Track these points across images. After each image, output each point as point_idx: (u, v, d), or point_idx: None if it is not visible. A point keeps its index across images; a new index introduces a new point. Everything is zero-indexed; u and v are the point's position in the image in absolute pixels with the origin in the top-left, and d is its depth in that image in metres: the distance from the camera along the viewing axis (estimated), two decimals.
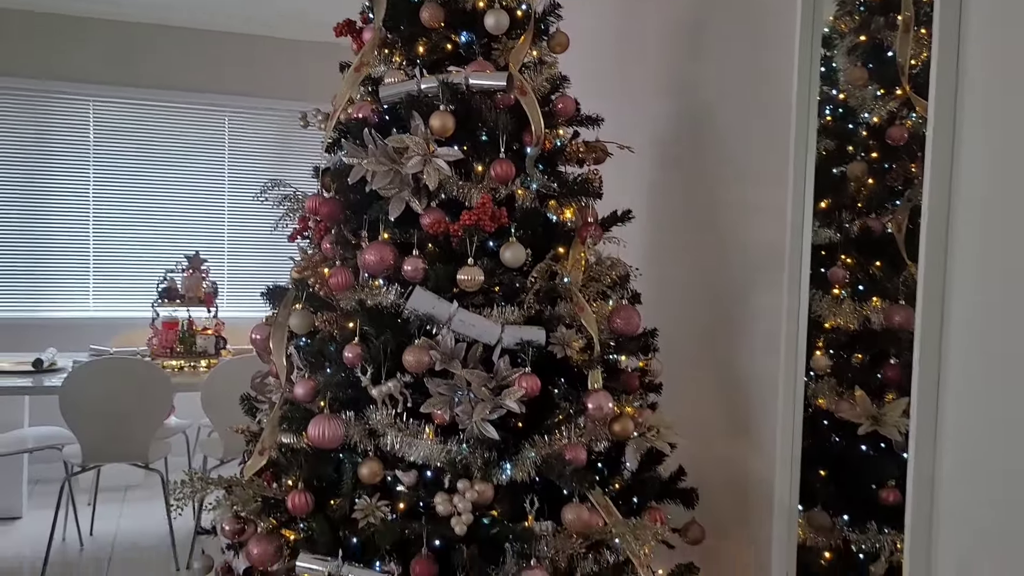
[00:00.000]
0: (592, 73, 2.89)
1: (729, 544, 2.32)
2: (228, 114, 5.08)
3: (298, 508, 1.78)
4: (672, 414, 2.14)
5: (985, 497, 1.56)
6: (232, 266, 5.15)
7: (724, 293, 2.40)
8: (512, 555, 1.74)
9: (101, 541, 3.89)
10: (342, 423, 1.79)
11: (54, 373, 3.71)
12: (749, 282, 2.29)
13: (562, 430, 1.83)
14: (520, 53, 1.92)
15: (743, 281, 2.31)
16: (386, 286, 1.85)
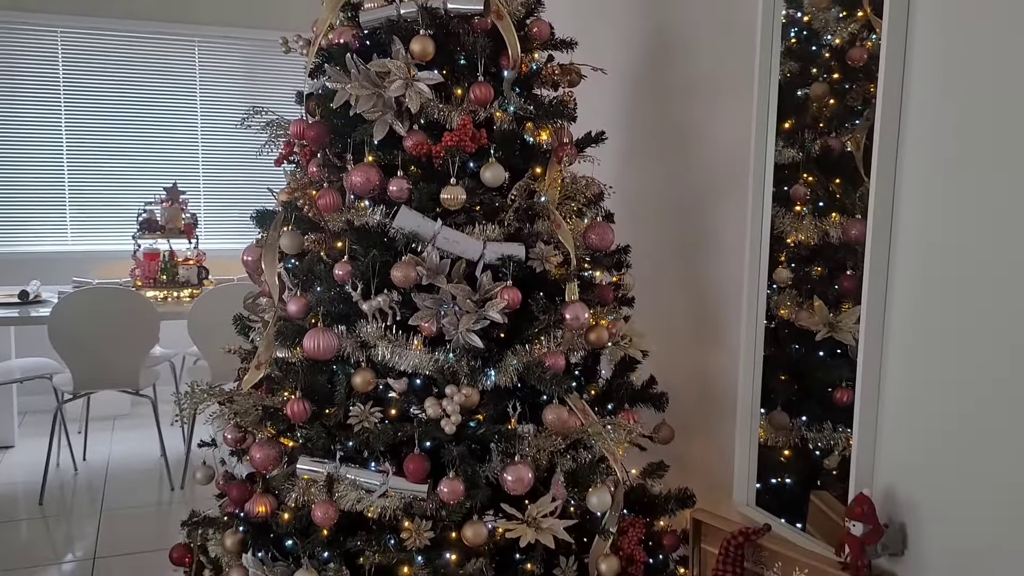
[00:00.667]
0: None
1: (696, 445, 2.49)
2: (198, 43, 5.03)
3: (296, 415, 1.90)
4: (644, 325, 2.28)
5: (924, 396, 1.72)
6: (209, 198, 5.17)
7: (693, 210, 2.52)
8: (497, 454, 1.89)
9: (95, 466, 4.01)
10: (335, 336, 1.90)
11: (40, 304, 3.77)
12: (716, 199, 2.40)
13: (541, 339, 1.95)
14: None
15: (710, 198, 2.43)
16: (372, 207, 1.94)
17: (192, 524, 2.19)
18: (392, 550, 1.86)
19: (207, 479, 2.25)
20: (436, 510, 1.85)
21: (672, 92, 2.59)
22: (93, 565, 2.98)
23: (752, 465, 2.24)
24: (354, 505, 1.85)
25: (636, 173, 2.80)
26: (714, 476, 2.39)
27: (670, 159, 2.63)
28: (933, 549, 1.71)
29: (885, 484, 1.81)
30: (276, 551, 1.97)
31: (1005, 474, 1.55)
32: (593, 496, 1.94)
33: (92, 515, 3.42)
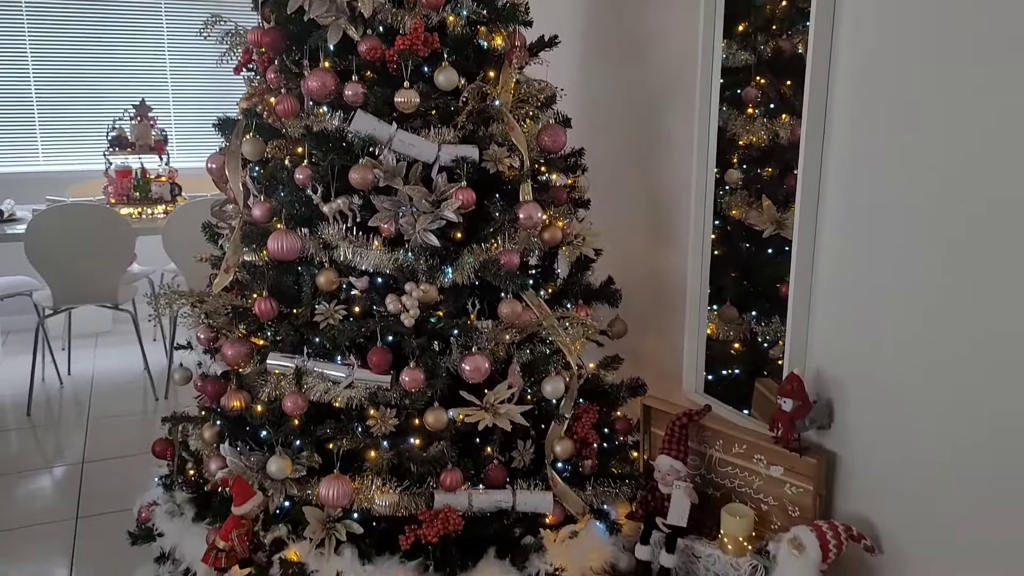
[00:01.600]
0: None
1: (649, 339, 2.63)
2: None
3: (264, 314, 2.00)
4: (601, 227, 2.37)
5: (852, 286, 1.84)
6: (179, 115, 5.14)
7: (646, 114, 2.59)
8: (456, 347, 2.00)
9: (79, 380, 4.13)
10: (298, 238, 1.98)
11: (15, 222, 3.81)
12: (668, 103, 2.47)
13: (497, 239, 2.04)
14: None
15: (663, 102, 2.50)
16: (329, 112, 2.00)
17: (172, 420, 2.31)
18: (359, 437, 1.98)
19: (185, 380, 2.36)
20: (400, 399, 1.97)
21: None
22: (82, 469, 3.12)
23: (700, 355, 2.37)
24: (322, 396, 1.97)
25: (593, 79, 2.85)
26: (666, 368, 2.53)
27: (626, 65, 2.68)
28: (856, 423, 1.85)
29: (815, 365, 1.95)
30: (251, 442, 2.09)
31: (919, 355, 1.68)
32: (547, 384, 2.07)
33: (79, 424, 3.55)
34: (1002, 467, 1.52)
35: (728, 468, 2.11)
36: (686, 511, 2.00)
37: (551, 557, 2.01)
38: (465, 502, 1.98)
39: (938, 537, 1.67)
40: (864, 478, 1.84)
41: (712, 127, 2.21)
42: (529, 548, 2.02)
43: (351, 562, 1.92)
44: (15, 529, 2.68)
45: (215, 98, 5.17)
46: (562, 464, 2.14)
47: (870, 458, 1.82)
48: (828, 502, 1.94)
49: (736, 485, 2.10)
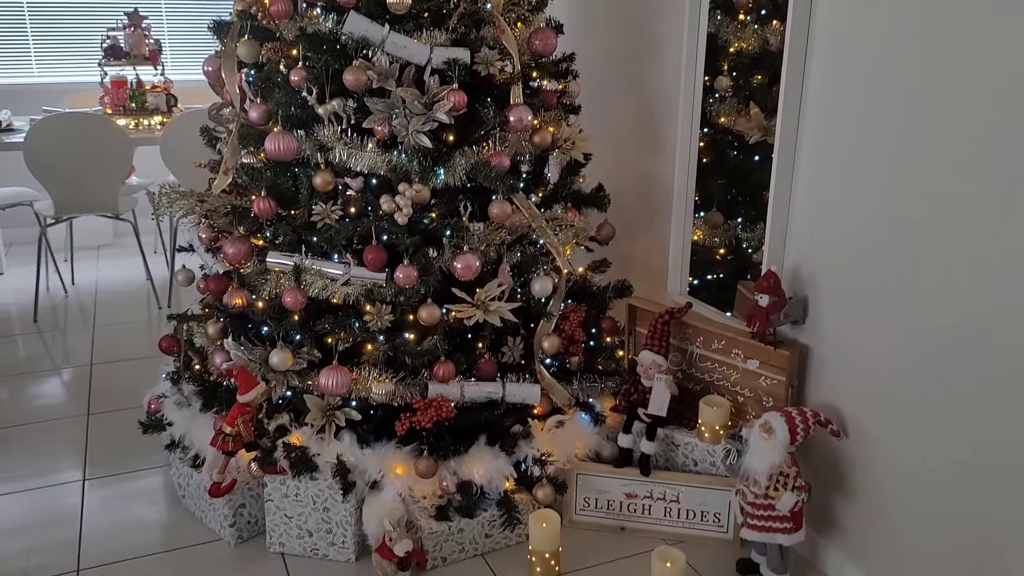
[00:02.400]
0: None
1: (638, 245, 2.71)
2: None
3: (263, 212, 2.07)
4: (592, 133, 2.42)
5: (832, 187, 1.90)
6: (173, 26, 5.09)
7: (637, 20, 2.60)
8: (449, 247, 2.08)
9: (83, 289, 4.22)
10: (294, 139, 2.03)
11: (13, 132, 3.83)
12: (660, 8, 2.48)
13: (488, 142, 2.10)
14: None
15: (655, 7, 2.51)
16: (323, 14, 2.02)
17: (178, 318, 2.41)
18: (356, 331, 2.08)
19: (188, 281, 2.45)
20: (394, 296, 2.06)
21: None
22: (91, 371, 3.24)
23: (685, 258, 2.45)
24: (320, 293, 2.05)
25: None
26: (652, 272, 2.61)
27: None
28: (829, 318, 1.95)
29: (792, 264, 2.03)
30: (254, 338, 2.19)
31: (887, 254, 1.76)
32: (536, 283, 2.16)
33: (85, 330, 3.66)
34: (963, 353, 1.62)
35: (707, 363, 2.22)
36: (666, 402, 2.11)
37: (538, 444, 2.14)
38: (457, 392, 2.09)
39: (901, 421, 1.78)
40: (834, 369, 1.95)
41: (701, 33, 2.24)
42: (518, 436, 2.15)
43: (350, 446, 2.05)
44: (29, 424, 2.81)
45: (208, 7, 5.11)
46: (550, 360, 2.25)
47: (840, 351, 1.92)
48: (800, 392, 2.05)
49: (715, 379, 2.22)
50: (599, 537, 2.18)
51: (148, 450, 2.57)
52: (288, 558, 2.10)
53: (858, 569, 1.94)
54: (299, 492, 2.05)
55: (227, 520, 2.13)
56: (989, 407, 1.57)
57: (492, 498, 2.11)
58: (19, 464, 2.56)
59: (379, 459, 2.05)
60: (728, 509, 2.10)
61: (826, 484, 2.00)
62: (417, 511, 2.06)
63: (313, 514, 2.06)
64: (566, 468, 2.17)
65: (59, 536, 2.20)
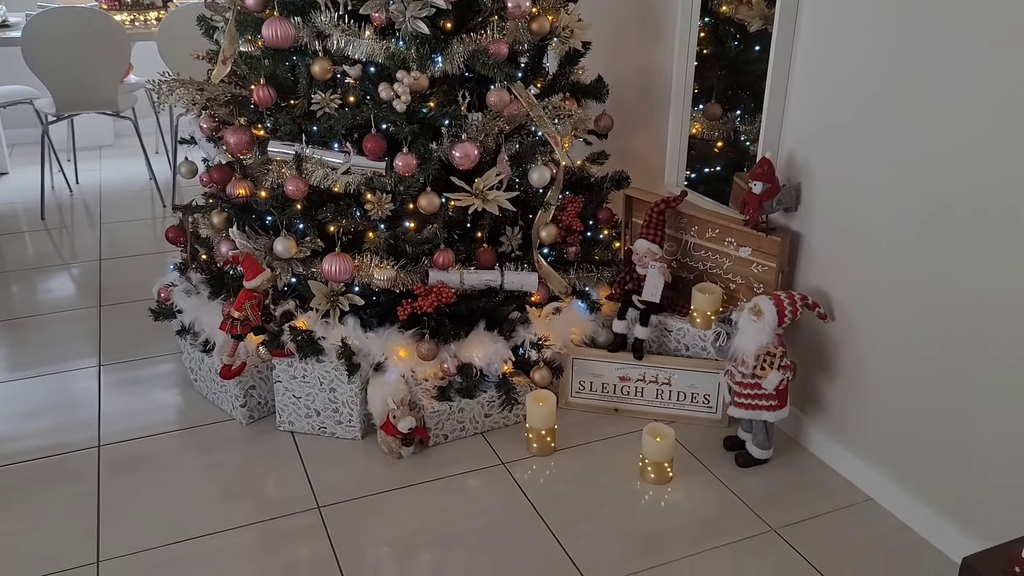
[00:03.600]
0: None
1: (637, 138, 2.72)
2: None
3: (263, 100, 2.08)
4: (589, 19, 2.39)
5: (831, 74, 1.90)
6: None
7: None
8: (448, 136, 2.10)
9: (88, 187, 4.25)
10: (292, 25, 2.03)
11: (8, 28, 3.79)
12: None
13: (486, 29, 2.09)
14: None
15: None
16: None
17: (183, 209, 2.45)
18: (358, 220, 2.13)
19: (191, 173, 2.48)
20: (394, 185, 2.09)
21: None
22: (100, 265, 3.31)
23: (683, 149, 2.47)
24: (321, 181, 2.09)
25: None
26: (650, 164, 2.63)
27: None
28: (820, 205, 1.99)
29: (787, 151, 2.05)
30: (258, 228, 2.24)
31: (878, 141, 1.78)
32: (534, 172, 2.18)
33: (92, 228, 3.71)
34: (952, 241, 1.67)
35: (701, 252, 2.27)
36: (660, 288, 2.17)
37: (536, 329, 2.21)
38: (457, 280, 2.15)
39: (885, 306, 1.84)
40: (823, 256, 2.00)
41: None
42: (516, 321, 2.22)
43: (354, 330, 2.12)
44: (43, 315, 2.90)
45: None
46: (547, 249, 2.30)
47: (831, 237, 1.97)
48: (790, 278, 2.11)
49: (708, 267, 2.27)
50: (593, 418, 2.28)
51: (159, 338, 2.66)
52: (298, 436, 2.21)
53: (839, 444, 2.04)
54: (306, 374, 2.14)
55: (238, 401, 2.23)
56: (971, 297, 1.63)
57: (491, 380, 2.20)
58: (37, 351, 2.66)
59: (382, 342, 2.13)
60: (717, 391, 2.19)
61: (811, 365, 2.09)
62: (419, 392, 2.15)
63: (320, 394, 2.16)
64: (562, 352, 2.25)
65: (79, 417, 2.31)
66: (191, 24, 3.68)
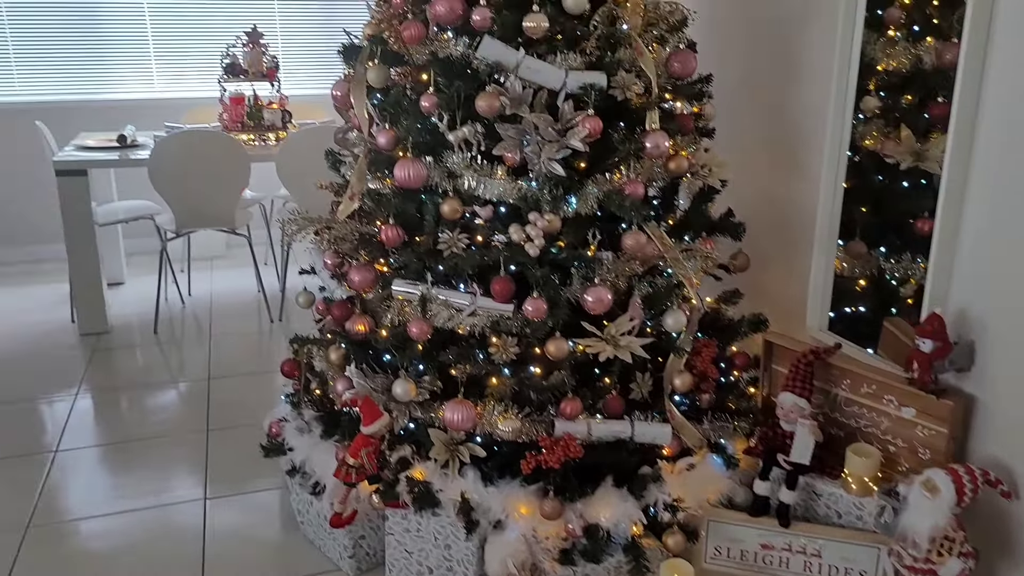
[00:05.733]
0: None
1: (772, 274, 2.56)
2: None
3: (391, 240, 2.03)
4: (724, 154, 2.29)
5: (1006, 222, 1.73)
6: (287, 42, 5.19)
7: (778, 36, 2.46)
8: (578, 277, 1.99)
9: (199, 300, 4.33)
10: (424, 166, 1.99)
11: (138, 148, 3.96)
12: (803, 24, 2.34)
13: (621, 168, 2.00)
14: None
15: (797, 23, 2.36)
16: (455, 38, 1.97)
17: (298, 342, 2.40)
18: (481, 363, 2.02)
19: (308, 303, 2.45)
20: (521, 328, 1.98)
21: None
22: (208, 385, 3.30)
23: (827, 291, 2.30)
24: (446, 323, 2.00)
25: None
26: (788, 304, 2.46)
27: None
28: (1000, 366, 1.77)
29: (958, 305, 1.86)
30: (376, 365, 2.16)
31: None
32: (669, 317, 2.04)
33: (201, 342, 3.74)
34: None
35: (854, 408, 2.06)
36: (810, 449, 1.97)
37: (668, 488, 2.03)
38: (584, 430, 2.00)
39: None
40: (1003, 423, 1.77)
41: (854, 51, 2.09)
42: (647, 478, 2.04)
43: (474, 483, 1.98)
44: (150, 439, 2.87)
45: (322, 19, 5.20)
46: (680, 397, 2.14)
47: (1011, 402, 1.74)
48: (962, 446, 1.88)
49: (862, 425, 2.06)
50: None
51: (267, 470, 2.58)
52: None
53: None
54: (420, 527, 2.00)
55: (347, 551, 2.10)
56: None
57: (619, 543, 2.01)
58: (141, 480, 2.61)
59: (503, 498, 1.98)
60: (876, 567, 1.94)
61: (991, 550, 1.82)
62: (541, 553, 1.98)
63: (434, 551, 2.01)
64: (697, 514, 2.05)
65: (183, 555, 2.22)
66: (308, 146, 3.79)
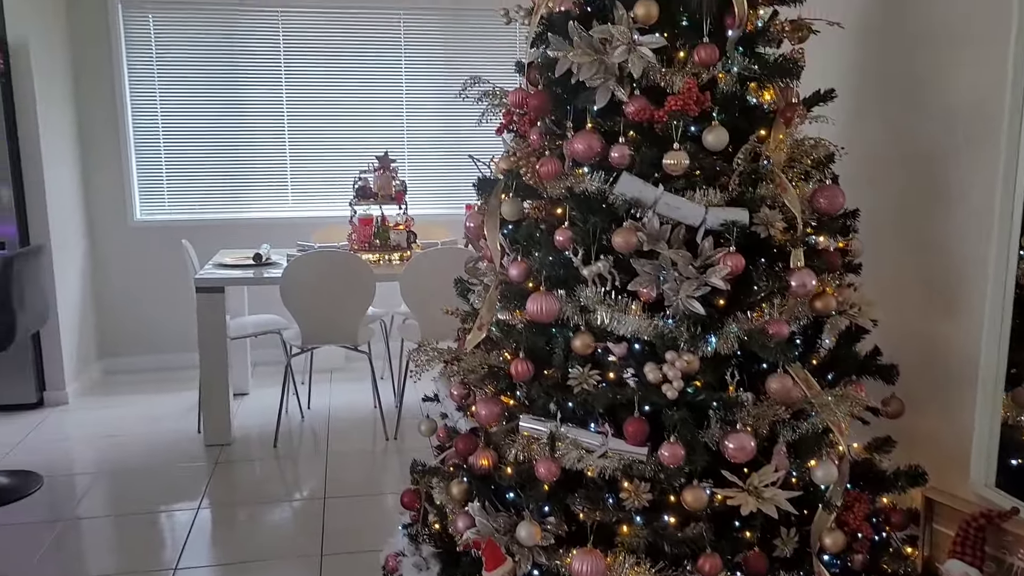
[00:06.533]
0: None
1: (926, 420, 2.35)
2: (403, 16, 5.25)
3: (520, 375, 1.98)
4: (871, 291, 2.16)
5: None
6: (412, 166, 5.43)
7: (929, 169, 2.35)
8: (716, 420, 1.87)
9: (317, 413, 4.40)
10: (556, 300, 1.95)
11: (271, 266, 4.14)
12: (958, 156, 2.22)
13: (764, 306, 1.91)
14: None
15: (952, 156, 2.25)
16: (591, 172, 1.97)
17: (419, 472, 2.35)
18: (611, 509, 1.90)
19: (430, 431, 2.41)
20: (655, 473, 1.87)
21: (909, 42, 2.41)
22: (324, 504, 3.28)
23: (993, 443, 2.08)
24: (575, 464, 1.91)
25: (863, 130, 2.64)
26: (946, 454, 2.24)
27: (904, 114, 2.45)
28: None
29: None
30: (498, 502, 2.07)
31: None
32: (818, 469, 1.88)
33: (319, 458, 3.76)
34: None
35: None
36: None
37: None
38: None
39: None
40: None
41: (1020, 184, 1.95)
42: None
43: None
44: (267, 560, 2.84)
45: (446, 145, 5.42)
46: (829, 557, 1.94)
47: None
48: None
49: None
50: None
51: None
52: None
53: None
54: None
55: None
56: None
57: None
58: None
59: None
60: None
61: None
62: None
63: None
64: None
65: None
66: (431, 265, 3.86)
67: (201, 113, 5.14)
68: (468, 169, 5.43)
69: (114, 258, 5.15)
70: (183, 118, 5.13)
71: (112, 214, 5.11)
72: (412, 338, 4.10)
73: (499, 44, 5.38)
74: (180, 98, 5.10)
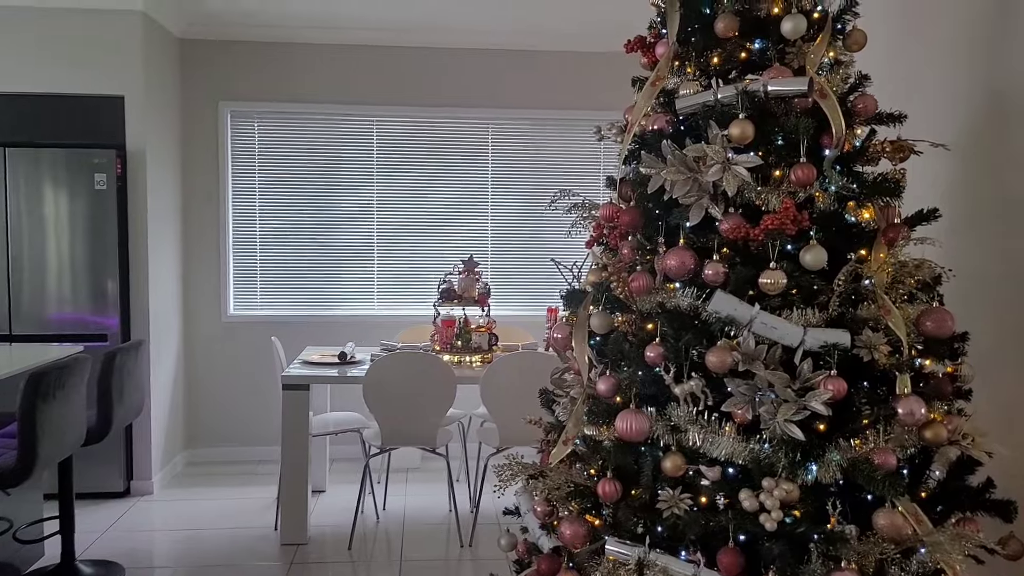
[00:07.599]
0: (881, 67, 2.78)
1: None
2: (491, 124, 5.43)
3: (608, 495, 1.92)
4: (981, 418, 2.03)
5: None
6: (495, 269, 5.50)
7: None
8: (817, 555, 1.76)
9: (393, 515, 4.34)
10: (646, 418, 1.90)
11: (355, 365, 4.19)
12: None
13: (867, 433, 1.81)
14: (817, 55, 1.92)
15: None
16: (683, 288, 1.94)
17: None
18: None
19: (511, 546, 2.33)
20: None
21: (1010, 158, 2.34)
22: None
23: None
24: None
25: (967, 250, 2.55)
26: None
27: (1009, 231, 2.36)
28: None
29: None
30: None
31: None
32: None
33: (392, 566, 3.69)
34: None
35: None
36: None
37: None
38: None
39: None
40: None
41: None
42: None
43: None
44: None
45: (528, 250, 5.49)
46: None
47: None
48: None
49: None
50: None
51: None
52: None
53: None
54: None
55: None
56: None
57: None
58: None
59: None
60: None
61: None
62: None
63: None
64: None
65: None
66: (511, 369, 3.85)
67: (295, 213, 5.37)
68: (550, 271, 5.48)
69: (206, 351, 5.32)
70: (278, 217, 5.36)
71: (207, 308, 5.31)
72: (490, 442, 4.05)
73: (584, 152, 5.50)
74: (277, 198, 5.35)
